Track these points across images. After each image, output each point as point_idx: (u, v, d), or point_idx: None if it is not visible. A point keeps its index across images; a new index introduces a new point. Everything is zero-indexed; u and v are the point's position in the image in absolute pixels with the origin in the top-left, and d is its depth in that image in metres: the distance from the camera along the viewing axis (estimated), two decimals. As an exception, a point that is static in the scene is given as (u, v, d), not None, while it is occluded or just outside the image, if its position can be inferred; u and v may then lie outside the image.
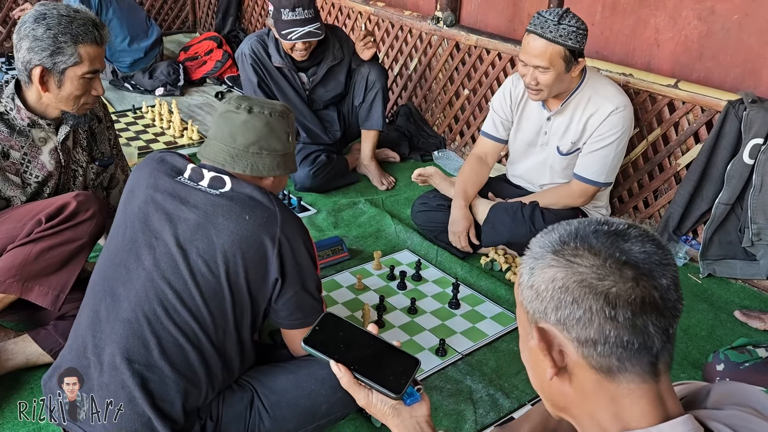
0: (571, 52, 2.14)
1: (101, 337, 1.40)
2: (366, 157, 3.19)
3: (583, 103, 2.30)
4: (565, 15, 2.14)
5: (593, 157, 2.32)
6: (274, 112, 1.52)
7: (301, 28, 2.76)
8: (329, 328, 1.08)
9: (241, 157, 1.49)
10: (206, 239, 1.40)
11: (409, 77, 3.76)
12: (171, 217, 1.43)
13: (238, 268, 1.41)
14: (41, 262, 1.70)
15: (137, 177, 1.52)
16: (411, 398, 1.03)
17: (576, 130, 2.33)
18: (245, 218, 1.41)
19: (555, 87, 2.23)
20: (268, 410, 1.51)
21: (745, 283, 2.45)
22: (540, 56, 2.14)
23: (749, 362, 1.80)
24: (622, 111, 2.26)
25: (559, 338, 0.79)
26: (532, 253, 0.83)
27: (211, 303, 1.40)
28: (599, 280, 0.75)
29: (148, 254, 1.42)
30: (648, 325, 0.75)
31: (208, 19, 5.42)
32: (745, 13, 2.46)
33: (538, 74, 2.18)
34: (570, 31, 2.11)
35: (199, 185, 1.46)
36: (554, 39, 2.11)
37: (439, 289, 2.34)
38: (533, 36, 2.15)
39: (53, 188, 1.88)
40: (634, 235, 0.79)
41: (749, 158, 2.28)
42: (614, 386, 0.77)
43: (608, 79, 2.42)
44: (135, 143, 3.49)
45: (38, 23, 1.70)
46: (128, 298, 1.40)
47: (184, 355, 1.39)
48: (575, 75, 2.23)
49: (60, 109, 1.81)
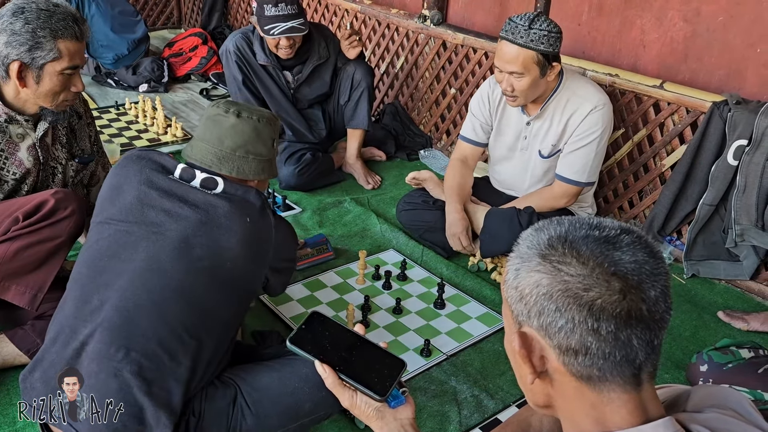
0: (544, 56, 2.13)
1: (92, 326, 1.39)
2: (352, 156, 3.17)
3: (561, 105, 2.29)
4: (536, 19, 2.12)
5: (574, 156, 2.31)
6: (262, 118, 1.59)
7: (284, 23, 2.74)
8: (315, 328, 1.06)
9: (227, 160, 1.55)
10: (209, 236, 1.46)
11: (396, 75, 3.74)
12: (171, 213, 1.47)
13: (237, 265, 1.48)
14: (18, 261, 1.66)
15: (124, 173, 1.53)
16: (396, 400, 1.02)
17: (556, 132, 2.32)
18: (246, 220, 1.49)
19: (531, 92, 2.22)
20: (250, 407, 1.50)
21: (728, 284, 2.47)
22: (513, 62, 2.14)
23: (732, 363, 1.81)
24: (601, 109, 2.25)
25: (540, 343, 0.78)
26: (520, 252, 0.80)
27: (209, 296, 1.45)
28: (584, 291, 0.73)
29: (146, 247, 1.44)
30: (632, 339, 0.74)
31: (194, 15, 5.37)
32: (730, 15, 2.47)
33: (514, 80, 2.18)
34: (541, 35, 2.10)
35: (191, 185, 1.51)
36: (526, 44, 2.10)
37: (424, 289, 2.33)
38: (505, 42, 2.15)
39: (31, 185, 1.85)
40: (627, 242, 0.76)
41: (733, 159, 2.29)
42: (595, 394, 0.76)
43: (586, 78, 2.42)
44: (117, 140, 3.44)
45: (16, 17, 1.67)
46: (122, 288, 1.41)
47: (182, 345, 1.40)
48: (551, 79, 2.22)
49: (38, 105, 1.78)
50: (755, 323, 2.20)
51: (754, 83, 2.47)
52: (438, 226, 2.54)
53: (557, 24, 2.16)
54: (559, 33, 2.15)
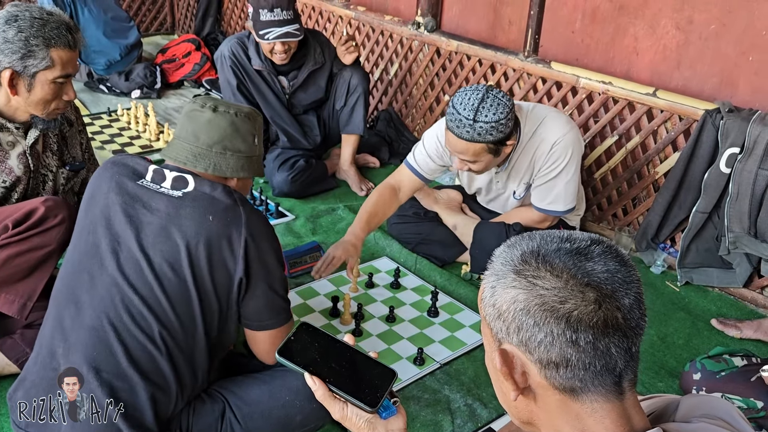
0: (494, 143, 2.03)
1: (66, 347, 1.36)
2: (345, 162, 3.16)
3: (524, 149, 2.23)
4: (481, 110, 1.96)
5: (544, 188, 2.29)
6: (239, 112, 1.52)
7: (279, 28, 2.74)
8: (304, 339, 1.05)
9: (203, 156, 1.48)
10: (170, 242, 1.38)
11: (390, 82, 3.74)
12: (133, 221, 1.40)
13: (203, 270, 1.39)
14: (7, 269, 1.64)
15: (98, 182, 1.49)
16: (387, 411, 1.01)
17: (526, 171, 2.29)
18: (209, 219, 1.39)
19: (491, 166, 2.17)
20: (240, 421, 1.48)
21: (722, 291, 2.47)
22: (463, 153, 2.06)
23: (725, 371, 1.81)
24: (561, 141, 2.17)
25: (521, 359, 0.78)
26: (494, 269, 0.81)
27: (179, 307, 1.38)
28: (561, 303, 0.74)
29: (112, 259, 1.39)
30: (610, 347, 0.74)
31: (187, 21, 5.36)
32: (722, 24, 2.48)
33: (469, 164, 2.11)
34: (487, 129, 1.97)
35: (161, 187, 1.44)
36: (472, 139, 1.99)
37: (417, 297, 2.32)
38: (450, 134, 2.03)
39: (21, 193, 1.83)
40: (598, 252, 0.77)
41: (726, 167, 2.30)
42: (578, 405, 0.77)
43: (544, 108, 2.26)
44: (109, 146, 3.43)
45: (9, 25, 1.66)
46: (92, 305, 1.37)
47: (152, 361, 1.36)
48: (506, 152, 2.14)
49: (29, 113, 1.76)
50: (748, 331, 2.20)
51: (746, 91, 2.48)
52: (431, 238, 2.53)
53: (506, 105, 1.99)
54: (507, 115, 1.99)
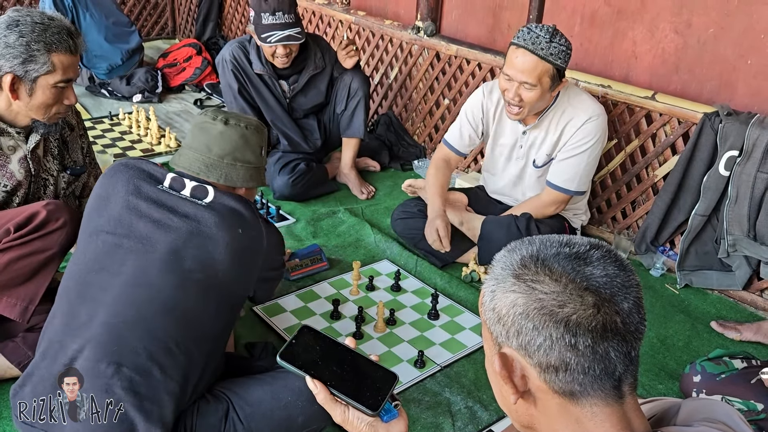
0: (558, 71, 2.12)
1: (82, 342, 1.37)
2: (346, 166, 3.17)
3: (558, 115, 2.30)
4: (556, 33, 2.10)
5: (566, 164, 2.32)
6: (249, 125, 1.60)
7: (281, 31, 2.75)
8: (305, 342, 1.05)
9: (215, 167, 1.56)
10: (201, 248, 1.45)
11: (390, 86, 3.75)
12: (160, 224, 1.45)
13: (228, 277, 1.49)
14: (9, 273, 1.65)
15: (112, 183, 1.52)
16: (388, 414, 1.01)
17: (551, 142, 2.33)
18: (238, 231, 1.49)
19: (537, 105, 2.21)
20: (242, 422, 1.49)
21: (721, 294, 2.47)
22: (529, 72, 2.10)
23: (725, 373, 1.81)
24: (596, 120, 2.26)
25: (521, 363, 0.78)
26: (494, 273, 0.82)
27: (199, 309, 1.45)
28: (559, 307, 0.75)
29: (134, 260, 1.43)
30: (609, 352, 0.75)
31: (188, 25, 5.37)
32: (720, 27, 2.49)
33: (523, 91, 2.14)
34: (561, 50, 2.09)
35: (181, 194, 1.51)
36: (546, 57, 2.08)
37: (418, 299, 2.33)
38: (523, 51, 2.09)
39: (23, 197, 1.84)
40: (597, 257, 0.78)
41: (725, 170, 2.30)
42: (578, 409, 0.77)
43: (581, 89, 2.43)
44: (111, 150, 3.44)
45: (11, 30, 1.66)
46: (113, 302, 1.40)
47: (172, 358, 1.39)
48: (555, 93, 2.22)
49: (30, 117, 1.77)
50: (748, 333, 2.20)
51: (744, 94, 2.49)
52: None
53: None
54: (571, 50, 2.15)
